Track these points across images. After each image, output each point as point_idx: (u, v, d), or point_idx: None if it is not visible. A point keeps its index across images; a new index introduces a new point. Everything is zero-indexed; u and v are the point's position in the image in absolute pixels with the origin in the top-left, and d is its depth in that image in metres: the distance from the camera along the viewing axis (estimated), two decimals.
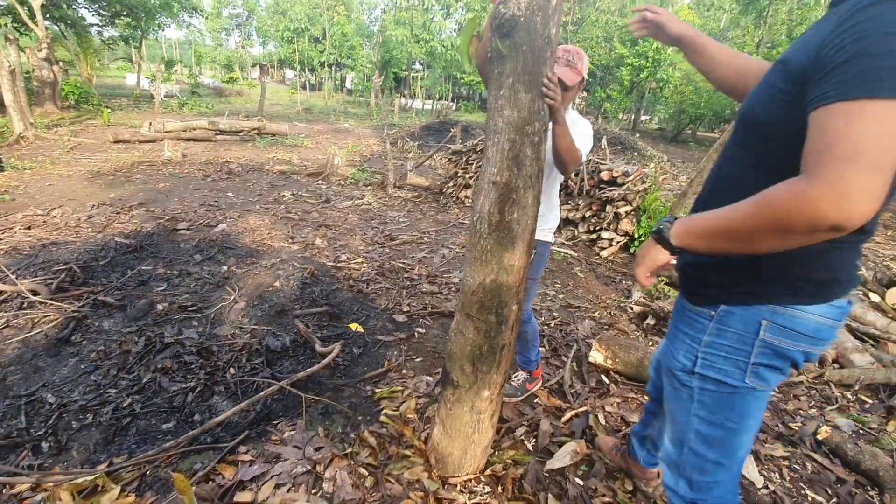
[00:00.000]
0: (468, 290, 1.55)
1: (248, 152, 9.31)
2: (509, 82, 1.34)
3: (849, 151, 0.73)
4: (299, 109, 20.89)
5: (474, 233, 1.49)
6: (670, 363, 1.19)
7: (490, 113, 1.41)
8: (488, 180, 1.43)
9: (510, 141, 1.37)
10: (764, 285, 1.00)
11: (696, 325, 1.12)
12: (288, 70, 42.62)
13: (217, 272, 3.52)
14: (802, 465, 2.13)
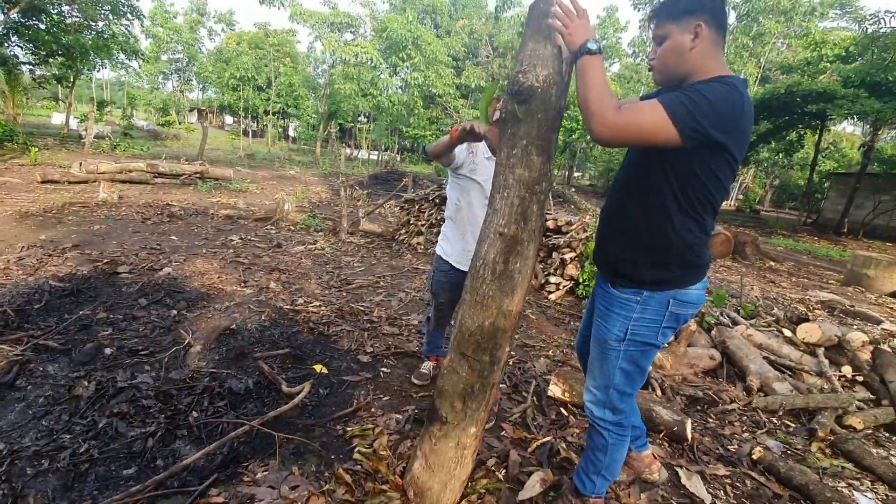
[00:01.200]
0: (465, 332, 1.62)
1: (190, 196, 9.02)
2: (522, 144, 1.48)
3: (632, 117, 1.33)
4: (241, 155, 20.58)
5: (476, 277, 1.59)
6: (604, 335, 1.61)
7: (500, 168, 1.54)
8: (495, 231, 1.54)
9: (520, 197, 1.50)
10: (670, 279, 1.51)
11: (627, 307, 1.56)
12: (228, 116, 42.08)
13: (167, 316, 3.37)
14: (743, 483, 2.35)
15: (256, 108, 28.24)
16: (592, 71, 1.35)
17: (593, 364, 1.69)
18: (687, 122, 1.27)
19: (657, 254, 1.50)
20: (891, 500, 2.40)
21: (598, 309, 1.67)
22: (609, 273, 1.62)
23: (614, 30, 35.60)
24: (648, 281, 1.52)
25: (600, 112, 1.31)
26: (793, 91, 14.96)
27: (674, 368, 3.36)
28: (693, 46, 1.39)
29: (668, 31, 1.43)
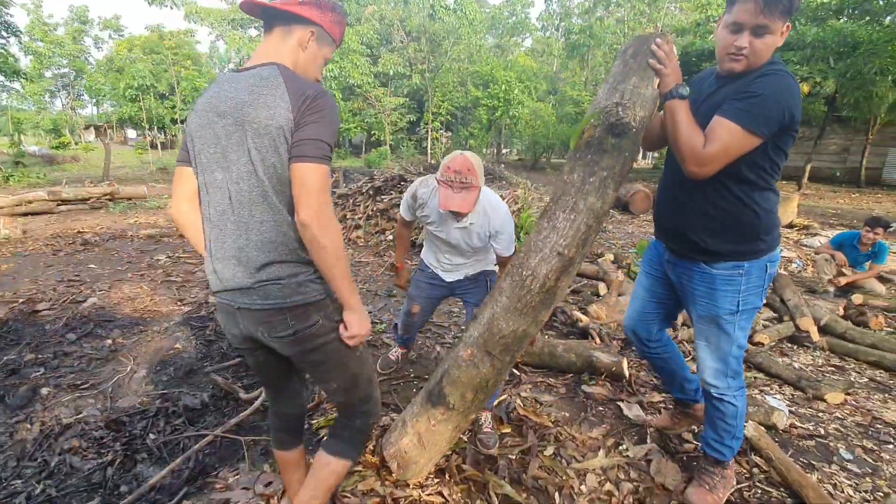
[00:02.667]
0: (497, 333, 1.68)
1: (102, 220, 8.36)
2: (603, 175, 1.52)
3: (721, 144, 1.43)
4: (153, 169, 19.19)
5: (522, 287, 1.63)
6: (716, 311, 1.71)
7: (570, 189, 1.56)
8: (553, 249, 1.57)
9: (587, 225, 1.55)
10: (764, 247, 1.65)
11: (733, 282, 1.66)
12: (130, 129, 38.81)
13: (101, 346, 3.20)
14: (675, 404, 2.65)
15: (162, 118, 26.28)
16: (682, 113, 1.46)
17: (707, 342, 1.77)
18: (761, 125, 1.40)
19: (751, 229, 1.61)
20: (795, 397, 2.81)
21: (695, 291, 1.74)
22: (704, 256, 1.68)
23: (522, 5, 36.40)
24: (748, 253, 1.63)
25: (692, 153, 1.45)
26: (688, 51, 16.14)
27: (608, 317, 3.67)
28: (779, 45, 1.47)
29: (776, 26, 1.43)
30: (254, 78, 1.20)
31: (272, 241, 1.22)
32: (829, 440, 2.38)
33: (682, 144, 1.46)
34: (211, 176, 1.24)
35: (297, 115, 1.16)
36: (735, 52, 1.48)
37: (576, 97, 21.87)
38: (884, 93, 12.98)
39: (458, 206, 1.87)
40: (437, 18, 23.13)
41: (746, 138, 1.42)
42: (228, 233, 1.24)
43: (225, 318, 1.35)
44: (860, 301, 4.16)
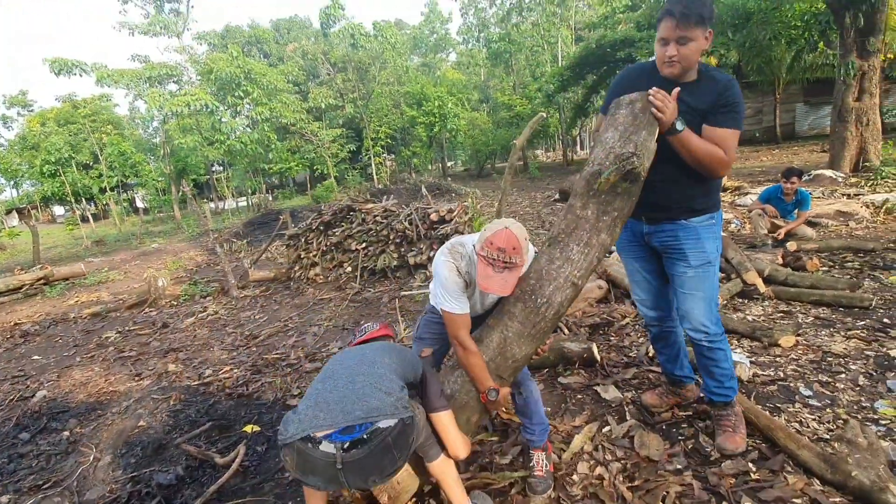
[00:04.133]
0: (511, 358, 1.77)
1: (40, 306, 7.82)
2: (614, 215, 1.73)
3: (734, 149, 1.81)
4: (87, 245, 18.12)
5: (536, 313, 1.74)
6: (706, 256, 1.95)
7: (585, 224, 1.74)
8: (568, 279, 1.74)
9: (597, 258, 1.76)
10: (718, 201, 2.03)
11: (711, 229, 1.97)
12: (56, 206, 36.63)
13: (58, 440, 2.98)
14: (647, 377, 2.75)
15: (89, 189, 24.97)
16: (694, 140, 1.76)
17: (697, 291, 1.99)
18: (742, 122, 1.85)
19: (713, 186, 1.97)
20: (754, 347, 2.98)
21: (683, 246, 1.97)
22: (686, 214, 1.96)
23: (441, 22, 37.36)
24: (714, 205, 1.99)
25: (721, 164, 1.80)
26: (601, 43, 17.05)
27: (573, 306, 3.77)
28: (706, 48, 1.76)
29: (695, 34, 1.72)
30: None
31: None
32: (788, 381, 2.54)
33: (709, 161, 1.78)
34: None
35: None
36: (668, 60, 1.78)
37: (507, 102, 22.53)
38: (780, 55, 14.15)
39: (500, 290, 1.69)
40: (360, 47, 23.34)
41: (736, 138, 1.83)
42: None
43: None
44: (795, 248, 4.47)
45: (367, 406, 1.40)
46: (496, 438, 2.35)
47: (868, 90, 8.68)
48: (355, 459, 1.35)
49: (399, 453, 1.43)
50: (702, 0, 1.71)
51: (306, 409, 1.42)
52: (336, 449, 1.34)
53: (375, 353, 1.64)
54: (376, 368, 1.55)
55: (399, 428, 1.41)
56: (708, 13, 1.71)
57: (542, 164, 26.62)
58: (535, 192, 14.44)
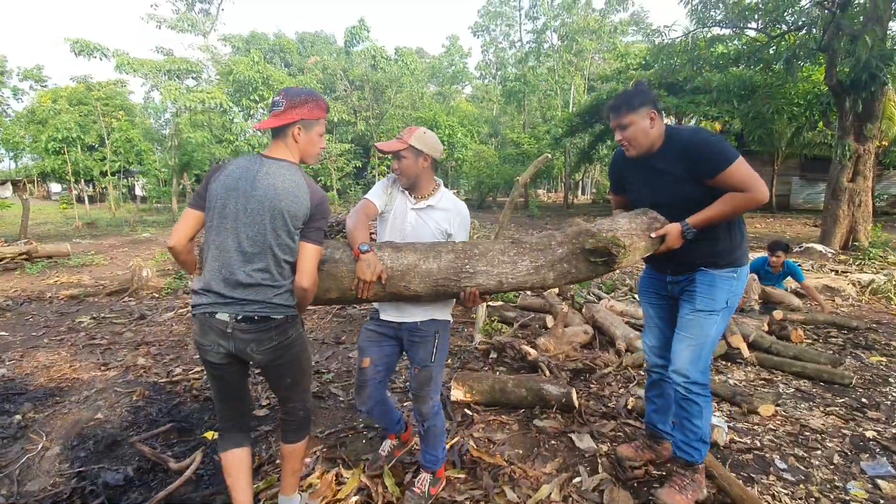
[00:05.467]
0: (404, 281, 1.82)
1: (17, 282, 7.64)
2: (572, 272, 1.87)
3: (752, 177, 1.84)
4: (79, 225, 17.92)
5: (454, 274, 1.82)
6: (711, 305, 1.99)
7: (548, 252, 1.86)
8: (499, 276, 1.83)
9: (531, 284, 1.88)
10: (742, 256, 2.05)
11: (728, 282, 2.00)
12: (54, 183, 36.38)
13: (9, 423, 2.84)
14: (623, 431, 2.70)
15: (90, 171, 24.87)
16: (708, 218, 1.87)
17: (690, 335, 2.02)
18: (730, 148, 1.91)
19: (737, 242, 2.03)
20: (733, 412, 2.94)
21: (696, 289, 2.03)
22: (708, 266, 2.01)
23: (460, 56, 38.41)
24: (738, 260, 2.03)
25: (748, 202, 1.86)
26: (612, 95, 17.57)
27: (556, 349, 3.73)
28: (652, 126, 1.94)
29: (632, 119, 1.93)
30: (283, 170, 1.68)
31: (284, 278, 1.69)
32: (764, 451, 2.50)
33: (739, 210, 1.89)
34: (229, 222, 1.64)
35: (313, 210, 1.68)
36: (623, 144, 2.02)
37: (516, 139, 23.00)
38: (781, 129, 14.62)
39: (383, 145, 1.99)
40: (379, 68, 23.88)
41: (742, 160, 1.85)
42: (237, 264, 1.63)
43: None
44: (780, 316, 4.49)
45: (258, 298, 1.64)
46: (463, 476, 2.28)
47: (862, 172, 8.95)
48: (242, 331, 1.64)
49: (279, 336, 1.69)
50: (630, 92, 1.98)
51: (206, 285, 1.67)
52: (230, 318, 1.63)
53: (275, 220, 1.64)
54: (276, 253, 1.65)
55: (280, 320, 1.68)
56: (637, 100, 1.92)
57: (543, 203, 26.96)
58: (533, 230, 14.54)
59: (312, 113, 1.71)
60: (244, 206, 1.62)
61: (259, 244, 1.62)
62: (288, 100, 1.68)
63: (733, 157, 1.83)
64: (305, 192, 1.66)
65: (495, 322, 4.69)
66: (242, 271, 1.61)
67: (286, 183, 1.64)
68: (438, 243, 1.90)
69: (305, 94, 1.71)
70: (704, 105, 14.74)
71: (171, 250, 1.71)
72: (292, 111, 1.67)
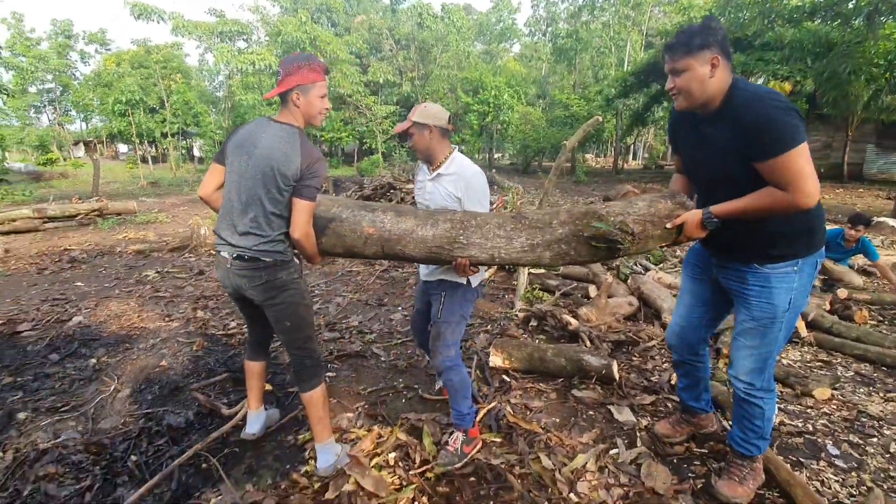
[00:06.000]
0: (399, 243, 1.89)
1: (91, 237, 8.29)
2: (570, 253, 1.80)
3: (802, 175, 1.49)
4: (144, 184, 19.06)
5: (448, 243, 1.86)
6: (772, 311, 1.73)
7: (548, 230, 1.80)
8: (492, 249, 1.83)
9: (525, 261, 1.84)
10: (813, 245, 1.71)
11: (787, 279, 1.70)
12: (121, 144, 38.57)
13: (85, 366, 3.15)
14: (665, 406, 2.65)
15: (152, 132, 26.14)
16: (733, 211, 1.62)
17: (750, 343, 1.80)
18: (798, 133, 1.50)
19: (801, 229, 1.68)
20: (784, 394, 2.81)
21: (748, 293, 1.76)
22: (758, 258, 1.72)
23: (509, 11, 36.69)
24: (801, 251, 1.69)
25: (783, 205, 1.55)
26: None
27: (598, 319, 3.66)
28: (712, 76, 1.59)
29: (688, 64, 1.61)
30: (282, 132, 1.83)
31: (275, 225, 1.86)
32: (816, 436, 2.38)
33: (767, 211, 1.58)
34: (234, 177, 1.87)
35: (304, 170, 1.80)
36: (672, 93, 1.70)
37: (564, 101, 21.99)
38: (858, 92, 13.19)
39: (397, 128, 2.10)
40: (426, 27, 23.27)
41: (805, 151, 1.50)
42: (236, 212, 1.86)
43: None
44: (845, 295, 4.18)
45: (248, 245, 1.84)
46: (499, 440, 2.32)
47: None
48: (237, 268, 1.87)
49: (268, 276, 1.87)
50: (693, 30, 1.62)
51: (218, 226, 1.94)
52: (229, 256, 1.87)
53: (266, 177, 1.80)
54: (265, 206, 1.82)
55: (269, 262, 1.86)
56: (698, 41, 1.59)
57: (591, 168, 25.99)
58: (579, 196, 14.11)
59: (307, 77, 1.82)
60: (246, 162, 1.82)
61: (252, 197, 1.81)
62: (284, 69, 1.82)
63: (794, 144, 1.47)
64: (298, 153, 1.79)
65: (536, 290, 4.64)
66: (240, 220, 1.84)
67: (281, 144, 1.80)
68: (440, 211, 1.96)
69: (300, 60, 1.83)
70: (775, 63, 13.46)
71: (202, 199, 2.01)
72: (288, 78, 1.81)
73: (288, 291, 1.91)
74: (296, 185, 1.80)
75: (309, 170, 1.80)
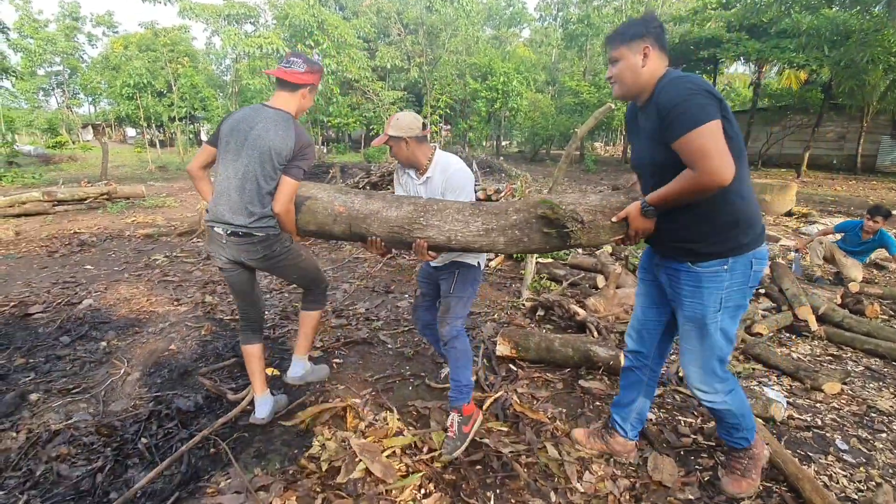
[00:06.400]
0: (365, 221, 1.96)
1: (100, 220, 8.34)
2: (524, 240, 1.84)
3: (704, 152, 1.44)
4: (152, 168, 19.11)
5: (408, 223, 1.92)
6: (702, 311, 1.69)
7: (503, 216, 1.86)
8: (449, 232, 1.88)
9: (479, 246, 1.87)
10: (743, 242, 1.64)
11: (717, 279, 1.65)
12: (129, 128, 38.63)
13: (95, 349, 3.19)
14: (673, 398, 2.64)
15: (160, 116, 26.14)
16: (666, 199, 1.59)
17: (691, 346, 1.77)
18: (704, 114, 1.45)
19: (730, 224, 1.62)
20: (794, 387, 2.79)
21: (682, 291, 1.72)
22: (688, 256, 1.68)
23: None
24: (732, 249, 1.63)
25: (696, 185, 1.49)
26: (686, 39, 16.03)
27: (607, 310, 3.64)
28: (644, 65, 1.61)
29: (622, 53, 1.64)
30: (277, 117, 2.01)
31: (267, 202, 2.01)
32: (825, 431, 2.37)
33: (688, 194, 1.54)
34: (230, 157, 2.01)
35: (296, 151, 1.99)
36: (610, 81, 1.72)
37: (574, 88, 21.64)
38: (875, 81, 12.87)
39: (374, 142, 2.14)
40: (434, 10, 22.92)
41: (712, 129, 1.45)
42: (232, 190, 2.00)
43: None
44: (857, 289, 4.13)
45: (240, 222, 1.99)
46: (506, 429, 2.33)
47: None
48: (234, 242, 2.03)
49: (264, 250, 2.06)
50: (630, 21, 1.65)
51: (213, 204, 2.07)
52: (223, 232, 2.02)
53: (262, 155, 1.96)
54: (260, 183, 1.98)
55: (262, 237, 2.03)
56: (632, 31, 1.62)
57: (599, 157, 25.71)
58: (587, 185, 13.99)
59: (319, 81, 2.12)
60: (241, 143, 1.97)
61: (248, 175, 1.96)
62: (308, 66, 2.04)
63: (697, 123, 1.44)
64: (292, 136, 1.98)
65: (544, 279, 4.62)
66: (236, 198, 1.97)
67: (277, 127, 1.97)
68: (406, 196, 2.04)
69: (319, 65, 2.11)
70: (791, 51, 13.15)
71: (188, 172, 2.16)
72: (311, 75, 2.05)
73: (285, 257, 2.14)
74: (286, 165, 1.97)
75: (301, 151, 1.98)
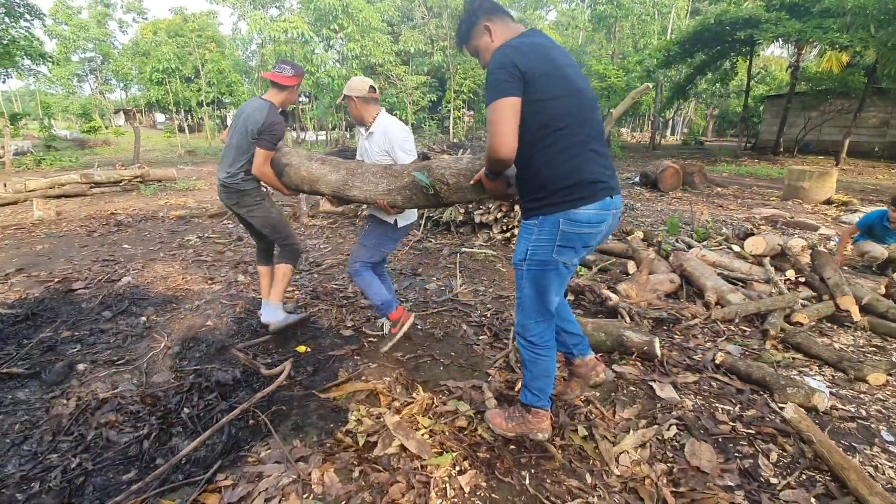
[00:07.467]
0: (309, 177, 2.65)
1: (134, 202, 8.58)
2: (409, 195, 2.32)
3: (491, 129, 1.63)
4: (181, 153, 19.56)
5: (343, 185, 2.53)
6: (515, 258, 1.87)
7: (401, 178, 2.33)
8: (371, 193, 2.43)
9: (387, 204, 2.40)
10: (552, 204, 1.71)
11: (527, 231, 1.81)
12: (158, 113, 39.49)
13: (136, 324, 3.29)
14: (710, 385, 2.58)
15: (188, 101, 26.62)
16: (488, 167, 1.81)
17: (517, 296, 1.94)
18: (496, 92, 1.61)
19: (533, 184, 1.75)
20: (836, 378, 2.70)
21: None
22: (523, 212, 1.88)
23: None
24: (540, 207, 1.75)
25: (488, 158, 1.71)
26: (721, 20, 15.35)
27: (639, 296, 3.58)
28: (493, 40, 1.79)
29: (473, 47, 1.88)
30: (260, 103, 2.73)
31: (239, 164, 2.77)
32: (870, 422, 2.29)
33: (488, 161, 1.75)
34: (230, 132, 2.82)
35: (265, 128, 2.64)
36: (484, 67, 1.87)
37: (602, 71, 21.08)
38: None
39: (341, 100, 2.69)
40: None
41: (499, 107, 1.60)
42: (225, 155, 2.83)
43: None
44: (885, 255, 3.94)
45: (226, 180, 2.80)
46: None
47: None
48: (222, 190, 2.86)
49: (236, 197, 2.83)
50: (461, 17, 1.90)
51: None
52: (219, 183, 2.84)
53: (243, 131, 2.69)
54: (241, 150, 2.73)
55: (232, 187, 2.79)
56: (465, 26, 1.88)
57: (626, 143, 25.12)
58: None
59: (300, 81, 2.82)
60: (236, 123, 2.74)
61: (232, 144, 2.74)
62: (294, 70, 2.77)
63: (490, 99, 1.62)
64: (264, 116, 2.62)
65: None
66: (225, 160, 2.79)
67: (255, 111, 2.65)
68: (345, 162, 2.59)
69: (302, 70, 2.83)
70: (834, 31, 12.47)
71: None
72: (296, 78, 2.77)
73: (257, 208, 2.84)
74: (258, 138, 2.62)
75: (269, 128, 2.60)
